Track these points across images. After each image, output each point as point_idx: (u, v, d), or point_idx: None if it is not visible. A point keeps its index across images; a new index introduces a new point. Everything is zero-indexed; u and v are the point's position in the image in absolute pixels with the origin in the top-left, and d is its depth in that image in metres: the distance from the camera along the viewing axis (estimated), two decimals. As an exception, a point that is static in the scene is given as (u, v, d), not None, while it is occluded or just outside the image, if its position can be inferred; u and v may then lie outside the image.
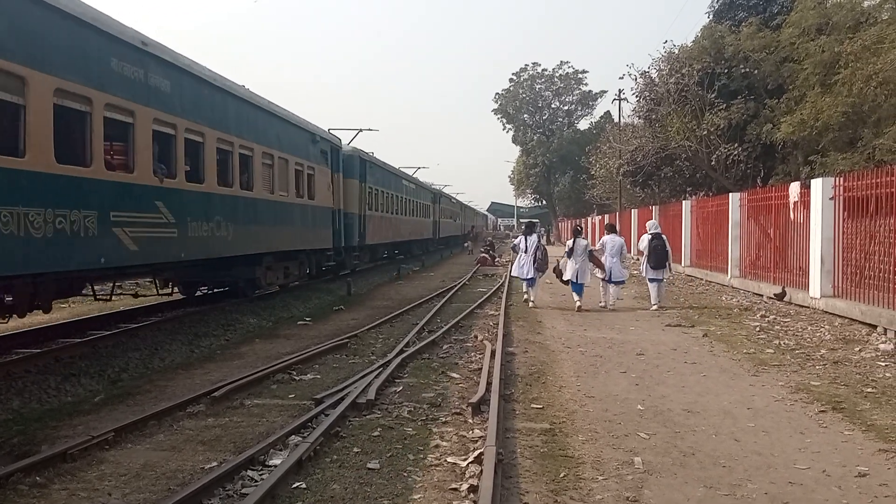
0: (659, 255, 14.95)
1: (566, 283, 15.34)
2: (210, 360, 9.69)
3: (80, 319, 11.80)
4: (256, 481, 4.87)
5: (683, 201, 25.89)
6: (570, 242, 15.46)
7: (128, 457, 5.45)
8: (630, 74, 28.11)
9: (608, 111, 60.71)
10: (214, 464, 5.26)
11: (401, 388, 7.66)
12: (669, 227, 26.48)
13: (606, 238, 15.66)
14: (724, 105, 24.08)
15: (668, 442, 5.80)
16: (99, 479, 4.97)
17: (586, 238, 19.48)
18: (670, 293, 17.87)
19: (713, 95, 24.56)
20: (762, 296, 16.12)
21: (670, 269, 16.47)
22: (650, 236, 15.36)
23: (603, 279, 15.23)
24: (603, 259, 15.25)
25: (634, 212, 35.16)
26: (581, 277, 14.87)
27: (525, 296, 15.90)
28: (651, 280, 15.23)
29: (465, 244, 52.07)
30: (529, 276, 15.57)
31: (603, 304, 15.08)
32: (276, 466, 5.05)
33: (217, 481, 4.74)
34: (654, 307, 14.79)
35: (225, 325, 12.43)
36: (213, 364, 9.31)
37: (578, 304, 14.57)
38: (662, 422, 6.40)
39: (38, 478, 4.90)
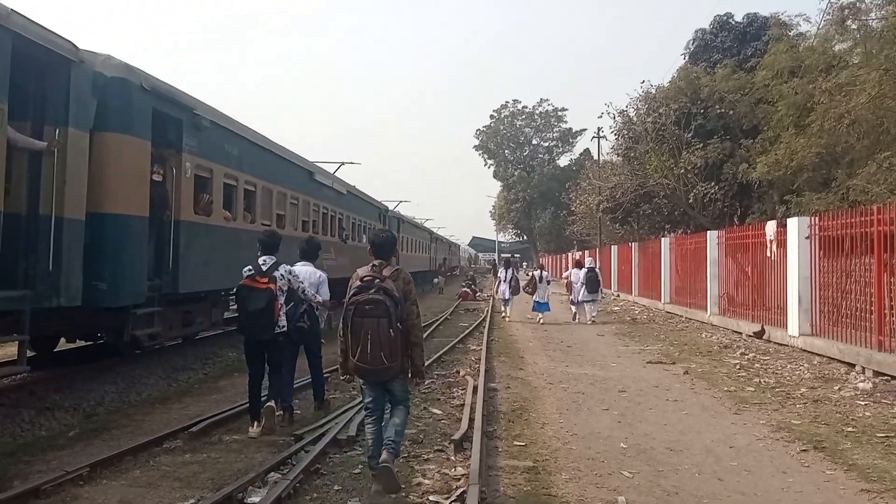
0: (593, 283, 20.14)
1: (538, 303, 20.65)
2: (188, 394, 9.54)
3: (56, 352, 11.56)
4: (235, 520, 4.77)
5: (662, 238, 26.19)
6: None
7: (103, 493, 5.31)
8: (609, 113, 28.58)
9: (588, 148, 61.60)
10: (191, 501, 5.15)
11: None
12: (649, 263, 26.77)
13: (573, 271, 21.27)
14: (701, 144, 24.52)
15: (652, 481, 5.77)
16: (72, 517, 4.84)
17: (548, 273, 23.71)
18: (651, 328, 18.43)
19: (690, 135, 25.02)
20: (741, 333, 16.24)
21: (602, 293, 22.38)
22: (587, 269, 20.28)
23: (571, 301, 21.05)
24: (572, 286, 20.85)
25: (614, 248, 35.48)
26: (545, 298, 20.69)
27: (503, 313, 21.46)
28: (587, 301, 20.38)
29: (435, 280, 42.97)
30: (507, 297, 21.43)
31: (577, 319, 20.49)
32: (255, 504, 4.95)
33: (195, 520, 4.63)
34: (590, 321, 19.97)
35: (203, 358, 12.27)
36: (191, 398, 9.16)
37: (540, 318, 20.11)
38: (645, 460, 6.38)
39: (8, 515, 4.76)
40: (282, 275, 7.27)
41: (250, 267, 7.17)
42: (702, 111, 25.13)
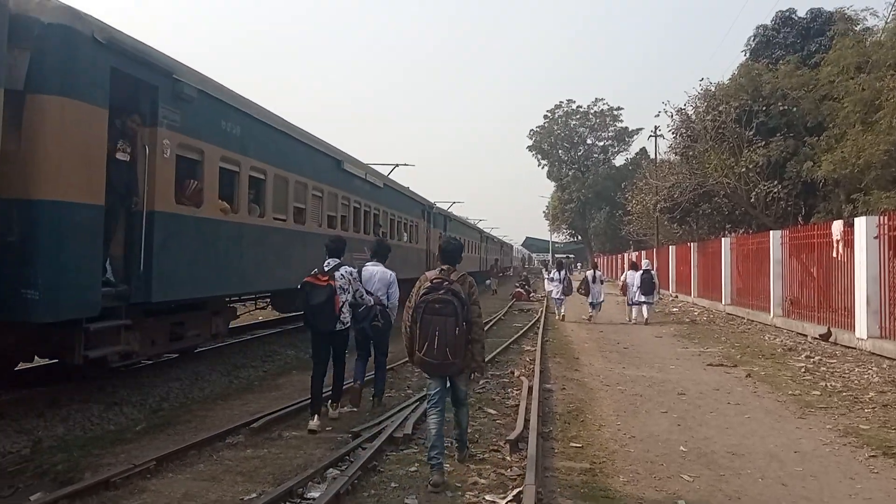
0: (648, 285, 20.11)
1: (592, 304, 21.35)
2: (248, 390, 9.76)
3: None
4: (295, 514, 4.87)
5: (723, 238, 25.56)
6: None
7: (169, 486, 5.49)
8: (666, 111, 28.16)
9: (644, 147, 60.55)
10: (253, 495, 5.27)
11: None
12: (709, 264, 26.18)
13: (628, 273, 21.38)
14: (763, 142, 23.86)
15: (713, 485, 5.66)
16: (140, 508, 5.02)
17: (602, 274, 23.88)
18: (711, 330, 18.06)
19: (751, 133, 24.37)
20: (806, 336, 15.74)
21: (658, 295, 22.10)
22: (643, 271, 20.41)
23: (627, 303, 20.99)
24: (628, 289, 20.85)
25: (672, 248, 34.79)
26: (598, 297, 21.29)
27: (557, 313, 21.55)
28: (643, 303, 20.22)
29: (487, 281, 41.56)
30: (560, 298, 21.49)
31: (633, 319, 20.35)
32: (314, 500, 5.05)
33: (256, 513, 4.75)
34: (644, 322, 19.79)
35: (263, 356, 12.55)
36: (252, 395, 9.38)
37: (591, 315, 20.96)
38: (706, 464, 6.25)
39: (81, 505, 4.96)
40: (342, 275, 7.72)
41: (316, 269, 7.69)
42: (763, 108, 24.44)
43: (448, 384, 5.96)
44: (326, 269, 7.66)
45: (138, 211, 8.15)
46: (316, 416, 7.44)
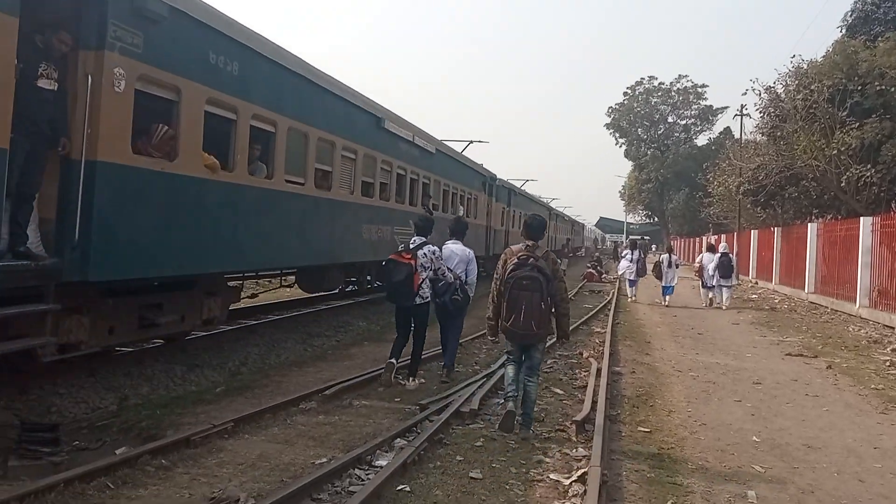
0: (726, 268, 19.70)
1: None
2: (322, 359, 10.04)
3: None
4: (363, 480, 5.02)
5: (809, 224, 24.49)
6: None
7: (245, 446, 5.74)
8: (754, 90, 26.88)
9: (728, 127, 58.15)
10: (324, 460, 5.46)
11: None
12: (793, 250, 25.17)
13: (704, 255, 20.88)
14: (857, 124, 22.57)
15: (786, 477, 5.52)
16: (218, 466, 5.27)
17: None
18: (791, 318, 17.53)
19: (845, 113, 23.09)
20: (893, 328, 14.99)
21: (736, 279, 22.16)
22: (720, 254, 19.96)
23: (703, 286, 20.61)
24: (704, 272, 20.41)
25: (754, 232, 33.57)
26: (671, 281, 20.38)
27: (629, 295, 21.07)
28: (720, 286, 19.92)
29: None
30: (632, 279, 21.07)
31: (711, 305, 20.01)
32: (382, 467, 5.19)
33: (326, 477, 4.92)
34: (723, 306, 19.58)
35: (336, 326, 12.87)
36: (325, 363, 9.65)
37: (667, 301, 20.07)
38: (780, 455, 6.09)
39: (163, 460, 5.24)
40: (425, 253, 8.20)
41: (402, 246, 8.27)
42: (859, 88, 23.09)
43: (525, 352, 6.46)
44: (412, 246, 8.16)
45: (75, 161, 6.09)
46: (385, 371, 8.17)
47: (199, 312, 8.93)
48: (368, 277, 15.16)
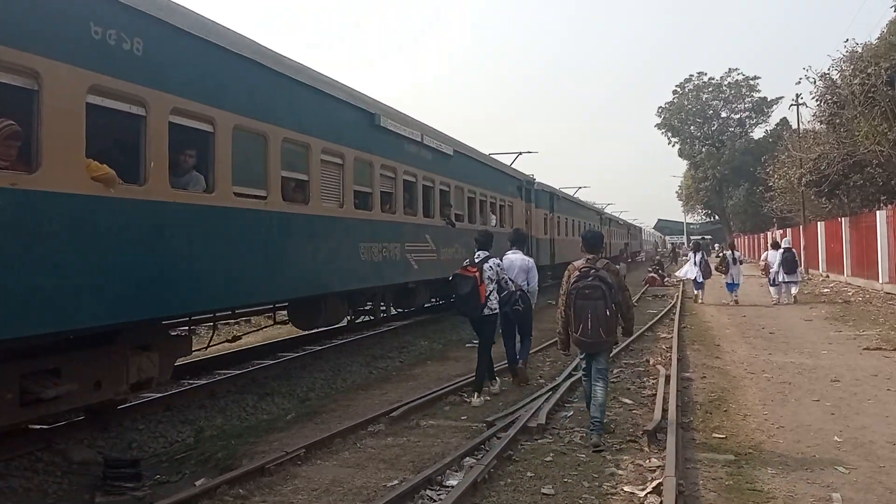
0: (790, 263, 19.41)
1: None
2: (386, 380, 10.13)
3: (269, 343, 12.78)
4: (435, 500, 5.04)
5: (877, 212, 23.53)
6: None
7: (318, 472, 5.83)
8: (808, 77, 26.09)
9: (785, 118, 56.29)
10: (396, 482, 5.49)
11: (571, 412, 7.58)
12: (863, 240, 24.22)
13: (769, 252, 20.64)
14: (921, 104, 21.66)
15: (871, 477, 5.30)
16: (293, 493, 5.36)
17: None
18: (867, 311, 16.92)
19: (906, 94, 22.17)
20: (981, 315, 14.24)
21: (800, 274, 21.64)
22: (783, 249, 19.62)
23: (770, 283, 20.38)
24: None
25: (820, 224, 32.43)
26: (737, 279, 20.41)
27: (695, 297, 20.99)
28: (786, 282, 19.66)
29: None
30: (700, 281, 20.65)
31: (775, 300, 19.82)
32: (452, 487, 5.19)
33: (399, 500, 4.95)
34: (790, 302, 19.47)
35: (399, 347, 12.97)
36: (390, 385, 9.72)
37: (733, 299, 20.02)
38: (864, 455, 5.85)
39: (240, 490, 5.36)
40: (490, 266, 8.54)
41: (469, 259, 8.61)
42: (918, 67, 22.17)
43: (593, 359, 6.70)
44: (476, 260, 8.50)
45: None
46: (476, 393, 8.34)
47: (124, 375, 6.83)
48: (382, 306, 13.26)
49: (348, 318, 12.81)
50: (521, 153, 30.02)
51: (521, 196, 21.81)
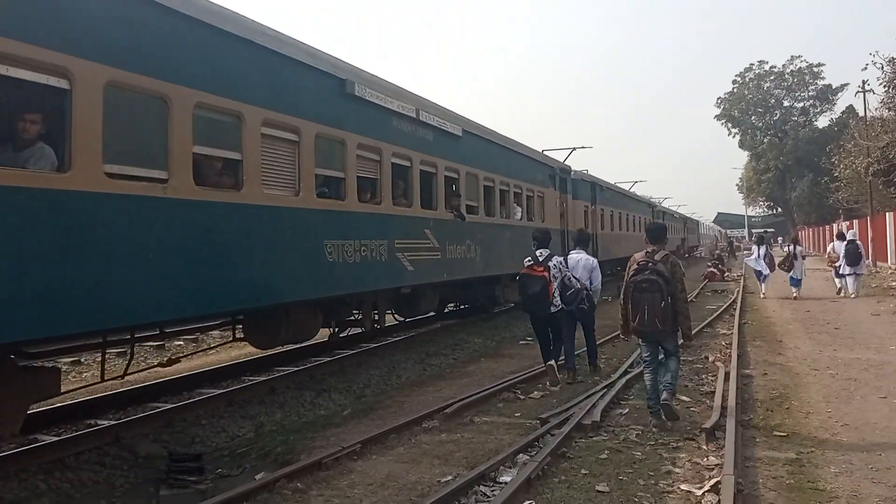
0: (853, 256, 18.93)
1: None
2: (440, 378, 10.19)
3: (325, 341, 12.97)
4: (489, 497, 5.06)
5: (952, 201, 22.50)
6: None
7: (373, 467, 5.92)
8: (875, 63, 25.20)
9: (851, 105, 54.25)
10: (449, 478, 5.53)
11: (627, 409, 7.50)
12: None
13: (834, 243, 20.44)
14: None
15: (943, 479, 5.08)
16: (349, 487, 5.47)
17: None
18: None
19: (984, 76, 21.15)
20: None
21: (866, 266, 21.46)
22: (847, 241, 19.26)
23: (836, 275, 20.00)
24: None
25: (889, 215, 31.15)
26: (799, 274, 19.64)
27: (759, 291, 20.62)
28: (848, 275, 19.18)
29: None
30: (765, 273, 20.28)
31: (842, 293, 19.37)
32: (506, 483, 5.21)
33: (453, 495, 5.00)
34: (853, 295, 18.75)
35: (453, 344, 13.02)
36: (444, 382, 9.78)
37: (795, 294, 19.33)
38: (934, 455, 5.62)
39: (298, 484, 5.49)
40: (555, 264, 8.81)
41: (530, 258, 8.73)
42: None
43: (660, 346, 6.99)
44: (541, 259, 8.67)
45: None
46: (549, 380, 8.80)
47: None
48: (375, 315, 11.21)
49: (334, 330, 10.81)
50: (574, 148, 29.59)
51: (555, 186, 19.17)
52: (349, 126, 9.23)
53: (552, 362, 8.92)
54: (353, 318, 10.75)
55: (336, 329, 10.88)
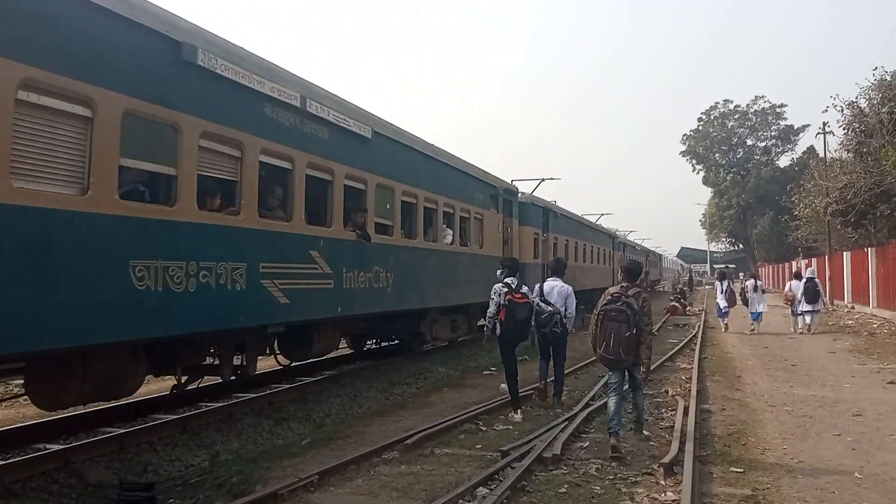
0: (811, 293, 19.65)
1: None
2: (403, 407, 10.11)
3: (286, 366, 12.77)
4: (446, 531, 5.00)
5: (905, 242, 23.19)
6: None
7: (331, 499, 5.82)
8: (835, 106, 25.98)
9: (811, 146, 55.88)
10: (407, 511, 5.47)
11: (587, 443, 7.52)
12: (890, 271, 23.85)
13: (791, 283, 20.88)
14: (951, 134, 21.43)
15: (893, 518, 5.17)
16: (305, 520, 5.36)
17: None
18: (892, 344, 16.44)
19: (936, 124, 21.98)
20: None
21: (823, 303, 22.46)
22: (805, 279, 19.83)
23: (792, 313, 20.60)
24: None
25: (846, 254, 31.98)
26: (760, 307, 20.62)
27: (718, 326, 21.24)
28: (806, 312, 19.88)
29: None
30: (725, 310, 20.99)
31: (800, 330, 20.00)
32: (464, 518, 5.16)
33: (410, 529, 4.93)
34: (812, 330, 19.65)
35: (416, 373, 12.94)
36: (406, 411, 9.70)
37: (753, 327, 20.36)
38: (885, 492, 5.74)
39: (253, 515, 5.37)
40: (526, 291, 9.17)
41: (502, 284, 8.96)
42: (948, 96, 21.98)
43: (626, 375, 7.49)
44: (514, 286, 8.96)
45: None
46: (518, 410, 8.95)
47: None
48: (239, 360, 8.89)
49: (179, 380, 8.50)
50: (543, 179, 29.77)
51: (498, 208, 16.90)
52: (187, 106, 6.89)
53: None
54: (208, 363, 8.53)
55: (185, 378, 8.56)
